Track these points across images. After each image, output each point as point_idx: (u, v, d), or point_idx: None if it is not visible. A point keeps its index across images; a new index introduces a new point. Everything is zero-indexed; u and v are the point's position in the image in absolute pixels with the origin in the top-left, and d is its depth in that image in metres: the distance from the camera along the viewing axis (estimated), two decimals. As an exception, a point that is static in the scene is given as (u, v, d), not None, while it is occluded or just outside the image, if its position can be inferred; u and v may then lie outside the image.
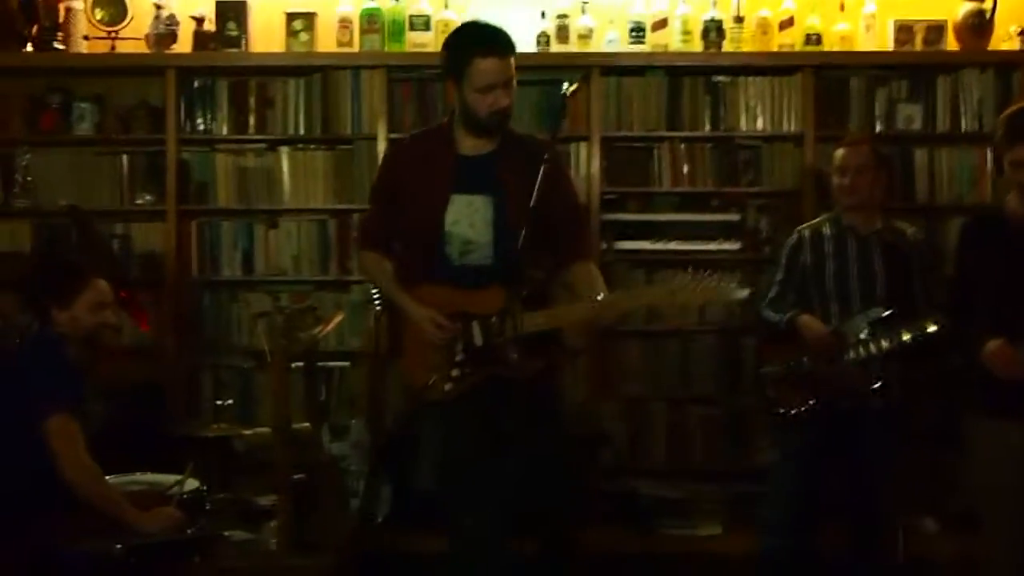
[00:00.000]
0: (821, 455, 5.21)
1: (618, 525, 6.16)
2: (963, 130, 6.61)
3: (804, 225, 5.50)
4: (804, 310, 5.23)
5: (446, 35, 6.38)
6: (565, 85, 4.16)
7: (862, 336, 5.10)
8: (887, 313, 5.08)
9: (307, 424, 5.33)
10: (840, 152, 5.36)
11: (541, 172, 4.27)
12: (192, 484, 4.95)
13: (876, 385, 5.08)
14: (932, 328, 4.97)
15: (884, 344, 5.06)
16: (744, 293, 4.27)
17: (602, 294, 4.28)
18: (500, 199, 4.36)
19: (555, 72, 6.27)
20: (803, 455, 5.22)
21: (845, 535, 5.33)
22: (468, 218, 4.32)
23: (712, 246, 6.40)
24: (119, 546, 4.23)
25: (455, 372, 4.24)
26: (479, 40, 4.36)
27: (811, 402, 5.13)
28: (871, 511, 5.23)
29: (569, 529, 4.59)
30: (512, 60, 4.34)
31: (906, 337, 5.03)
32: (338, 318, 5.74)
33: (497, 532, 4.31)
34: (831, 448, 5.19)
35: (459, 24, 4.98)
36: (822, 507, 5.32)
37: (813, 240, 5.34)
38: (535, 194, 4.24)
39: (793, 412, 5.17)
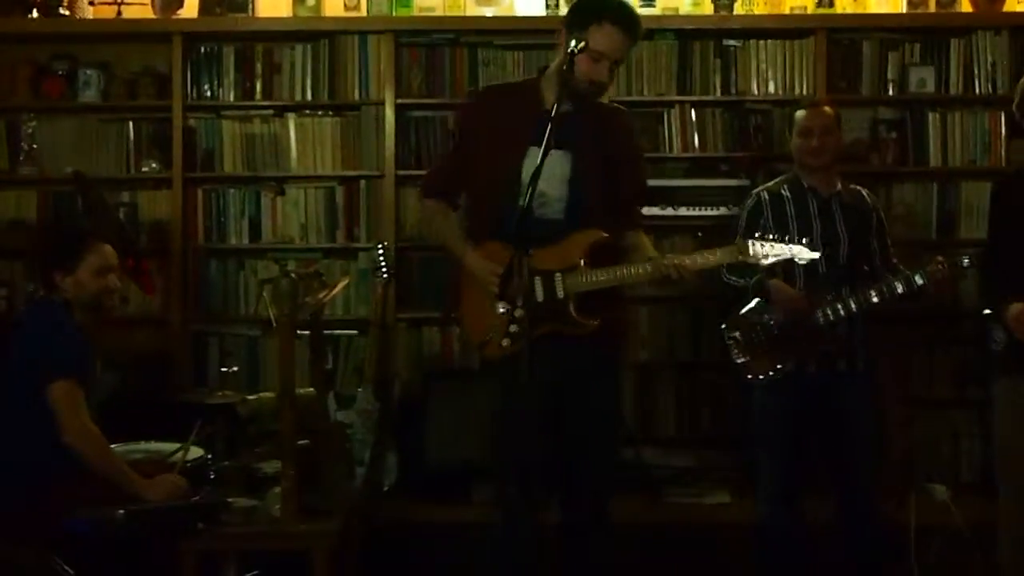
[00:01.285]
0: (798, 420, 5.17)
1: (625, 494, 6.12)
2: (977, 93, 6.53)
3: (761, 187, 5.46)
4: (769, 273, 5.18)
5: (452, -1, 6.48)
6: (572, 43, 4.10)
7: (830, 297, 5.08)
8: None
9: (311, 389, 5.28)
10: (803, 113, 5.34)
11: (617, 139, 4.38)
12: (196, 452, 4.94)
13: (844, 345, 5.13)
14: (901, 289, 5.02)
15: (852, 305, 5.06)
16: (816, 254, 4.32)
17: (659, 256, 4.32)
18: (577, 156, 4.35)
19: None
20: (779, 421, 5.18)
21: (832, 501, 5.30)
22: (546, 170, 4.19)
23: (722, 211, 6.31)
24: (121, 512, 4.21)
25: (513, 328, 4.20)
26: (616, 10, 4.33)
27: (779, 366, 5.09)
28: (850, 476, 5.20)
29: (603, 504, 4.57)
30: (633, 44, 4.36)
31: (875, 297, 5.05)
32: (343, 283, 5.70)
33: (534, 505, 4.35)
34: (805, 412, 5.17)
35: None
36: (806, 473, 5.30)
37: (773, 202, 5.30)
38: (608, 157, 4.33)
39: (762, 377, 5.12)
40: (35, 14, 6.67)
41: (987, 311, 4.83)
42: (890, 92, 6.59)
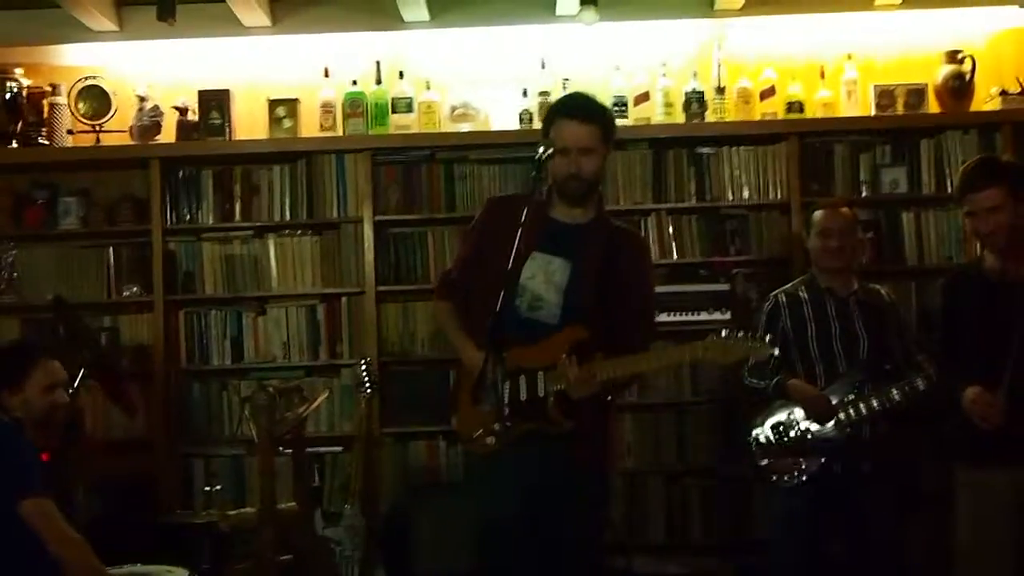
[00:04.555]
0: (819, 523, 5.13)
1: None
2: (949, 192, 6.56)
3: (779, 290, 5.49)
4: (789, 374, 5.18)
5: (428, 116, 6.56)
6: (540, 149, 4.16)
7: (851, 397, 5.07)
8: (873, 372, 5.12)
9: (293, 504, 5.26)
10: (821, 214, 5.38)
11: (622, 256, 4.42)
12: (180, 573, 4.89)
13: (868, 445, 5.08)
14: (922, 384, 4.99)
15: (875, 403, 5.05)
16: (774, 349, 4.27)
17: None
18: (577, 266, 4.39)
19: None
20: (802, 524, 5.14)
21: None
22: (544, 276, 4.35)
23: (702, 316, 6.33)
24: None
25: (498, 426, 4.20)
26: (567, 102, 4.52)
27: (804, 467, 5.06)
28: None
29: None
30: (595, 130, 4.38)
31: (896, 395, 5.03)
32: (323, 396, 5.71)
33: None
34: (827, 515, 5.13)
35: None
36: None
37: (791, 304, 5.34)
38: (605, 272, 4.36)
39: (787, 479, 5.11)
40: (15, 144, 6.73)
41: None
42: (863, 193, 6.66)
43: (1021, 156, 6.42)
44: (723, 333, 4.21)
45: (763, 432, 5.23)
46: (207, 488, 6.17)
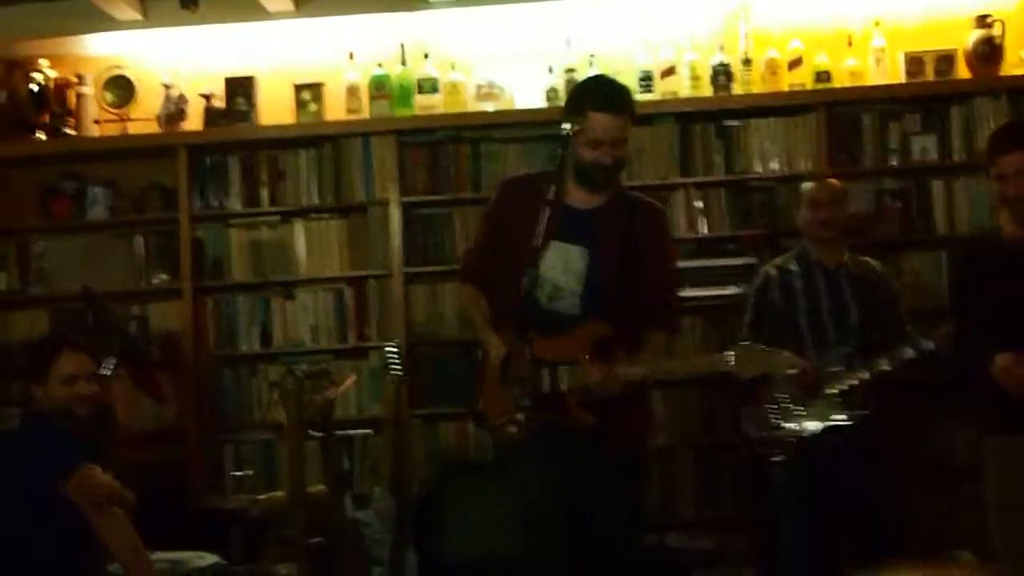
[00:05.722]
0: (818, 497, 5.13)
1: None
2: (979, 159, 6.48)
3: (768, 264, 5.49)
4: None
5: (453, 96, 6.53)
6: (567, 125, 4.14)
7: (840, 368, 5.07)
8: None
9: (322, 487, 5.26)
10: (811, 186, 5.43)
11: (641, 236, 4.38)
12: (211, 559, 4.91)
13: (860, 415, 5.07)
14: (910, 354, 5.01)
15: (864, 375, 5.05)
16: (796, 369, 4.45)
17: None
18: (595, 252, 4.36)
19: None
20: (803, 501, 5.11)
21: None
22: (562, 265, 4.32)
23: (730, 290, 6.27)
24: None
25: (520, 416, 4.19)
26: (597, 94, 4.40)
27: (792, 440, 5.03)
28: (873, 549, 5.10)
29: None
30: (627, 121, 4.37)
31: (885, 365, 5.03)
32: (351, 380, 5.70)
33: None
34: (826, 488, 5.12)
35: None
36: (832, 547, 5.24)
37: (781, 277, 5.34)
38: (624, 252, 4.34)
39: (779, 452, 5.07)
40: (42, 135, 6.76)
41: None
42: (893, 162, 6.58)
43: (1053, 120, 6.32)
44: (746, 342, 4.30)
45: (753, 408, 5.21)
46: (237, 473, 6.19)
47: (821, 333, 5.21)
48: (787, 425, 5.08)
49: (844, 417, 5.04)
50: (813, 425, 5.03)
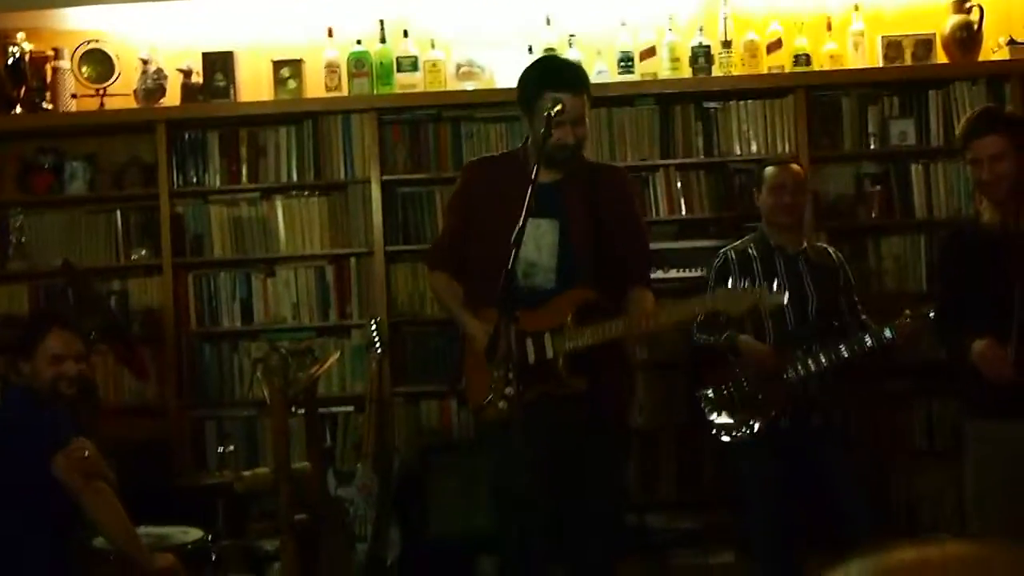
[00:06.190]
0: (781, 483, 5.17)
1: (631, 559, 6.07)
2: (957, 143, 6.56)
3: (728, 247, 5.49)
4: (738, 331, 5.19)
5: (433, 75, 6.52)
6: (548, 106, 4.15)
7: (799, 353, 5.11)
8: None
9: (306, 464, 5.28)
10: (774, 170, 5.40)
11: (608, 200, 4.41)
12: (196, 533, 4.91)
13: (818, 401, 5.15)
14: (870, 342, 5.07)
15: (823, 360, 5.09)
16: (784, 297, 4.29)
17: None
18: (565, 224, 4.39)
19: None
20: (766, 486, 5.17)
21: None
22: (534, 241, 4.31)
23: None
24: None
25: (508, 390, 4.20)
26: (551, 74, 4.43)
27: (752, 423, 5.09)
28: (844, 529, 5.14)
29: (609, 572, 4.58)
30: (584, 97, 4.36)
31: (845, 352, 5.09)
32: (334, 357, 5.72)
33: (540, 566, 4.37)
34: (787, 474, 5.17)
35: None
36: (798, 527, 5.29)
37: (740, 261, 5.32)
38: (593, 217, 4.37)
39: (736, 435, 5.14)
40: (19, 110, 6.71)
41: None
42: (872, 146, 6.64)
43: (1029, 106, 6.40)
44: (729, 285, 4.29)
45: (712, 389, 5.27)
46: (220, 449, 6.18)
47: (780, 318, 5.18)
48: (738, 414, 5.14)
49: (759, 425, 5.11)
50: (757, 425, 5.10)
